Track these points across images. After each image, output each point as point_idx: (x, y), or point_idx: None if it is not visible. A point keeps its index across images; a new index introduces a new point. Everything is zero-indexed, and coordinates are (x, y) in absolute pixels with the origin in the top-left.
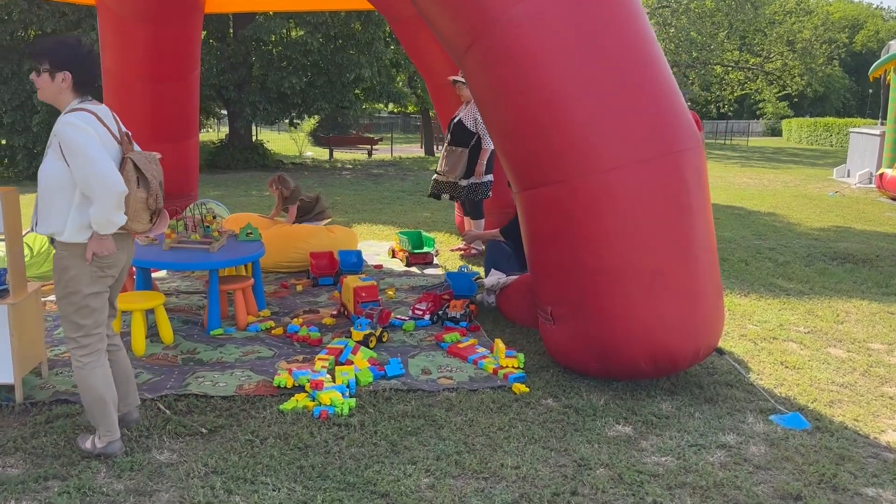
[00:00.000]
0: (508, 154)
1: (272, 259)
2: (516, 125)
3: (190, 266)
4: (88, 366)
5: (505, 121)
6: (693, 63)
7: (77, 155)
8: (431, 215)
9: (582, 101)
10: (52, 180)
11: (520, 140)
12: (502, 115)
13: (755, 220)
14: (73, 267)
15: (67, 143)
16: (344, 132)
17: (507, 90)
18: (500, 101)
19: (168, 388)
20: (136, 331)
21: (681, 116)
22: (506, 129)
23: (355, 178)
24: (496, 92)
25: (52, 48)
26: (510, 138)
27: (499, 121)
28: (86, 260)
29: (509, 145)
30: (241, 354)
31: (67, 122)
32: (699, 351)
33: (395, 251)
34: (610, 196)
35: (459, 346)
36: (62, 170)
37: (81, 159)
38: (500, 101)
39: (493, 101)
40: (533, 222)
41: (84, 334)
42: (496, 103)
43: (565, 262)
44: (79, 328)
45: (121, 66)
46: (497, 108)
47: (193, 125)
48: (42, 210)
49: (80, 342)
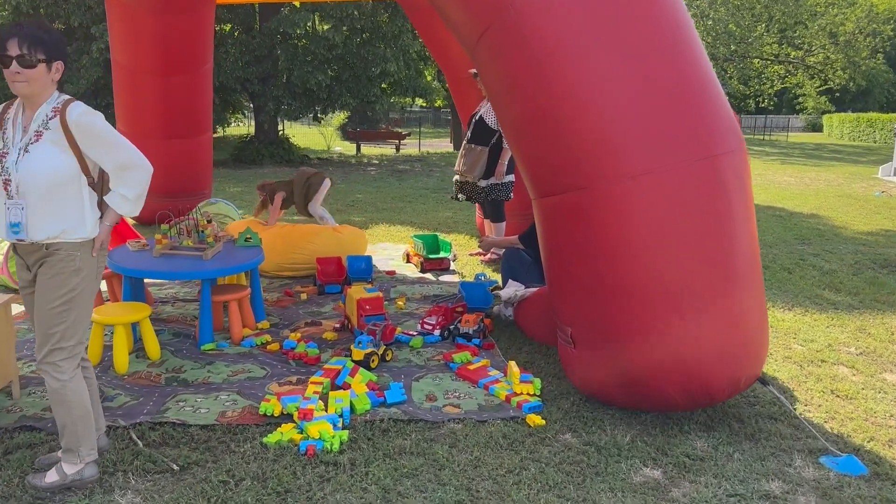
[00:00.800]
0: (523, 155)
1: (274, 262)
2: (531, 122)
3: (179, 276)
4: (76, 378)
5: (518, 117)
6: (731, 56)
7: (106, 140)
8: (453, 215)
9: (606, 96)
10: (61, 176)
11: (535, 140)
12: (516, 112)
13: (797, 223)
14: (86, 267)
15: (98, 131)
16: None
17: (520, 82)
18: (513, 96)
19: (144, 413)
20: (118, 346)
21: (721, 115)
22: (519, 127)
23: (379, 174)
24: (509, 85)
25: (46, 36)
26: (524, 138)
27: (512, 117)
28: (94, 253)
29: (524, 145)
30: (229, 374)
31: (88, 110)
32: (739, 381)
33: (410, 256)
34: (638, 205)
35: (470, 367)
36: (71, 164)
37: (112, 142)
38: (513, 95)
39: (506, 95)
40: (551, 233)
41: (77, 342)
42: (509, 97)
43: (587, 278)
44: (73, 336)
45: (130, 60)
46: (510, 103)
47: (206, 120)
48: (44, 212)
49: (72, 352)
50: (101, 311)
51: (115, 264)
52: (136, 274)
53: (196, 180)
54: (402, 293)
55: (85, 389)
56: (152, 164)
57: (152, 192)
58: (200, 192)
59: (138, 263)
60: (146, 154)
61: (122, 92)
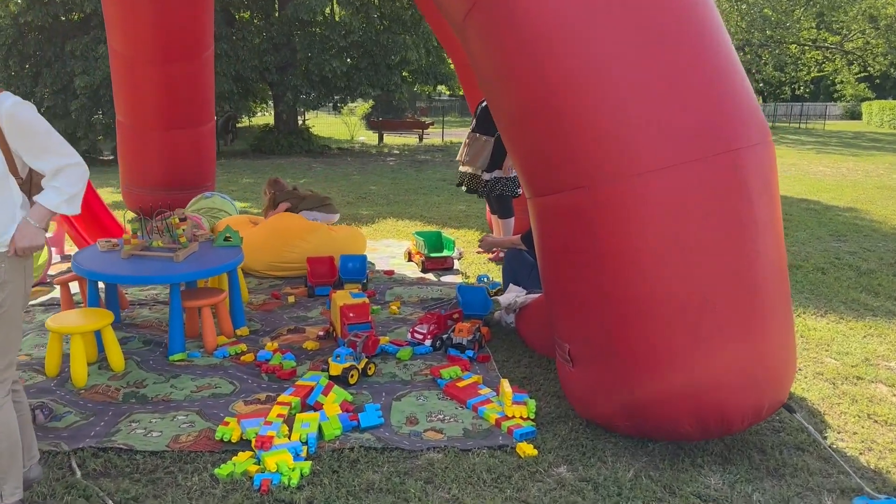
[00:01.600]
0: (515, 149)
1: (264, 259)
2: (523, 112)
3: (146, 280)
4: (6, 406)
5: (510, 107)
6: (766, 42)
7: (39, 133)
8: (466, 209)
9: (609, 82)
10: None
11: (528, 132)
12: (507, 100)
13: (833, 217)
14: (13, 279)
15: (29, 123)
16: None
17: (512, 67)
18: (505, 82)
19: (92, 436)
20: (75, 357)
21: (743, 104)
22: (511, 117)
23: (398, 165)
24: (499, 69)
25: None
26: (517, 130)
27: (503, 107)
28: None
29: (516, 138)
30: (194, 389)
31: (20, 101)
32: (761, 408)
33: (412, 254)
34: (645, 207)
35: (459, 384)
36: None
37: (45, 135)
38: (504, 81)
39: (496, 81)
40: (546, 237)
41: (6, 365)
42: (499, 84)
43: (586, 289)
44: (4, 357)
45: (128, 47)
46: (501, 91)
47: (208, 110)
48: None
49: (2, 377)
50: (59, 319)
51: (77, 266)
52: (96, 277)
53: (197, 173)
54: (397, 296)
55: (14, 419)
56: (152, 156)
57: (152, 186)
58: (202, 186)
59: (102, 266)
60: (147, 146)
61: (120, 82)
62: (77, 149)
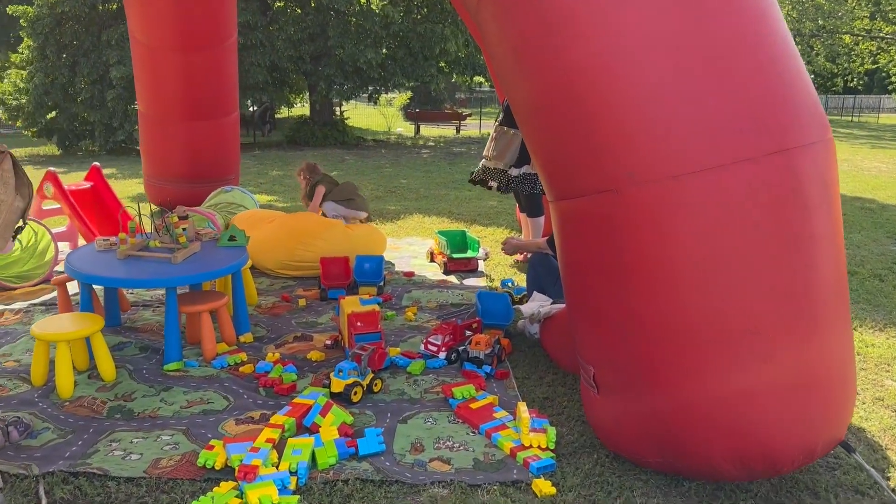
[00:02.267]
0: (534, 146)
1: (277, 257)
2: (542, 105)
3: (139, 283)
4: None
5: (527, 98)
6: (818, 32)
7: None
8: (497, 205)
9: (641, 70)
10: None
11: (547, 127)
12: (524, 90)
13: (890, 217)
14: None
15: None
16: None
17: (529, 52)
18: (521, 69)
19: (66, 457)
20: (60, 366)
21: (799, 95)
22: (529, 110)
23: (432, 158)
24: (515, 54)
25: None
26: (535, 124)
27: (520, 98)
28: None
29: (534, 134)
30: (184, 405)
31: None
32: (814, 448)
33: (434, 254)
34: (681, 214)
35: (472, 405)
36: None
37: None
38: (521, 68)
39: (512, 68)
40: (569, 247)
41: None
42: (516, 72)
43: (612, 307)
44: None
45: (148, 35)
46: (517, 80)
47: (231, 100)
48: None
49: None
50: (44, 325)
51: (68, 267)
52: (87, 280)
53: (220, 165)
54: (415, 300)
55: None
56: (174, 148)
57: (174, 178)
58: (225, 178)
59: (94, 267)
60: (168, 137)
61: (142, 71)
62: (113, 139)
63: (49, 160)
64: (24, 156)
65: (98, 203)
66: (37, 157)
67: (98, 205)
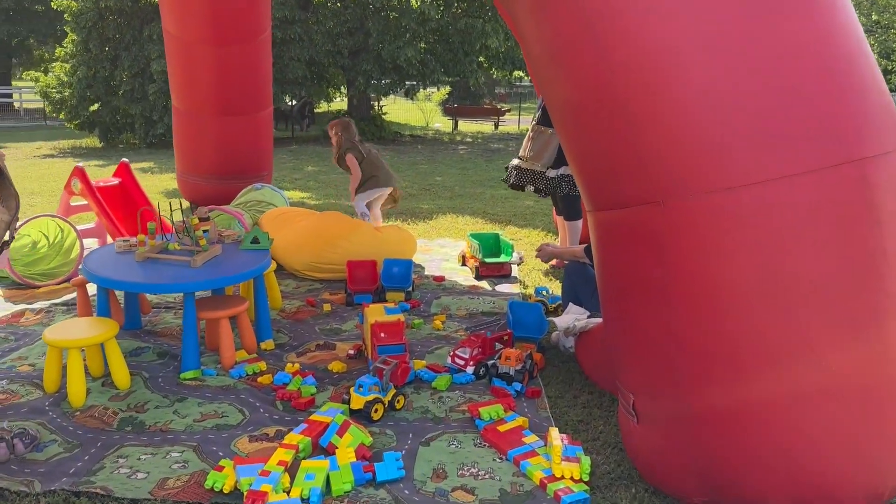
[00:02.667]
0: (572, 151)
1: (303, 259)
2: (582, 106)
3: (155, 288)
4: None
5: (566, 99)
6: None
7: None
8: (534, 205)
9: (693, 67)
10: None
11: (587, 130)
12: (563, 90)
13: None
14: None
15: None
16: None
17: (568, 48)
18: (559, 66)
19: (71, 473)
20: (72, 374)
21: (872, 99)
22: (567, 111)
23: (469, 154)
24: (553, 50)
25: None
26: (574, 127)
27: (558, 98)
28: None
29: (572, 137)
30: (198, 417)
31: None
32: (881, 491)
33: (466, 257)
34: (735, 229)
35: (500, 428)
36: None
37: None
38: (559, 65)
39: (549, 65)
40: (607, 260)
41: None
42: (553, 69)
43: (654, 328)
44: None
45: (181, 28)
46: (555, 78)
47: (265, 95)
48: None
49: None
50: (57, 330)
51: (85, 269)
52: (102, 283)
53: (254, 161)
54: (444, 307)
55: None
56: (206, 143)
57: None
58: (258, 175)
59: (111, 270)
60: (201, 132)
61: (175, 65)
62: (154, 132)
63: (90, 152)
64: (67, 148)
65: (126, 200)
66: (79, 149)
67: (126, 202)
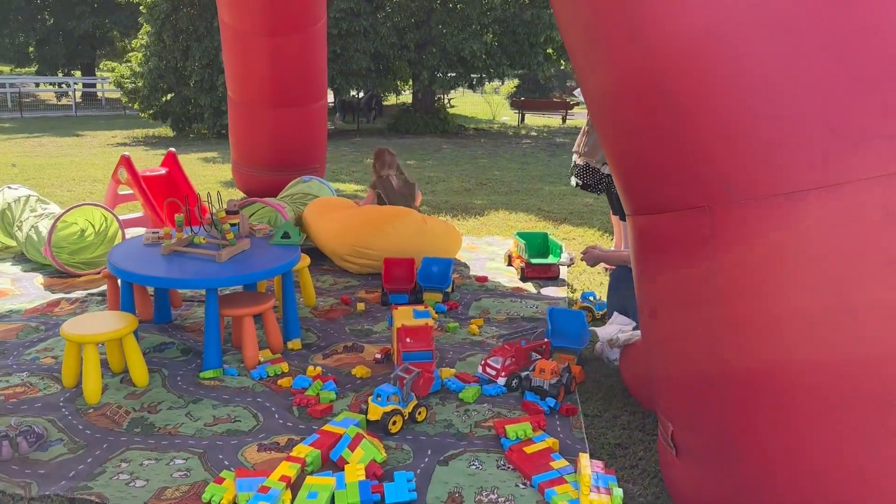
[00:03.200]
0: (610, 147)
1: (348, 243)
2: (620, 96)
3: (177, 283)
4: None
5: (603, 86)
6: None
7: None
8: (593, 202)
9: (751, 54)
10: None
11: (626, 123)
12: (598, 77)
13: None
14: None
15: None
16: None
17: (604, 29)
18: (594, 51)
19: (71, 477)
20: (87, 370)
21: None
22: (605, 101)
23: (532, 148)
24: (587, 33)
25: None
26: (611, 119)
27: (594, 86)
28: None
29: (610, 131)
30: (210, 420)
31: None
32: None
33: (512, 257)
34: (797, 243)
35: (527, 449)
36: None
37: None
38: (594, 49)
39: (584, 49)
40: (647, 272)
41: None
42: (589, 54)
43: (697, 353)
44: None
45: (236, 18)
46: (591, 64)
47: (319, 87)
48: None
49: None
50: (75, 325)
51: (109, 262)
52: (124, 277)
53: (306, 153)
54: (483, 310)
55: None
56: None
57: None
58: (311, 167)
59: (134, 264)
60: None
61: (230, 56)
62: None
63: (162, 141)
64: (140, 137)
65: (171, 190)
66: (151, 138)
67: (171, 192)
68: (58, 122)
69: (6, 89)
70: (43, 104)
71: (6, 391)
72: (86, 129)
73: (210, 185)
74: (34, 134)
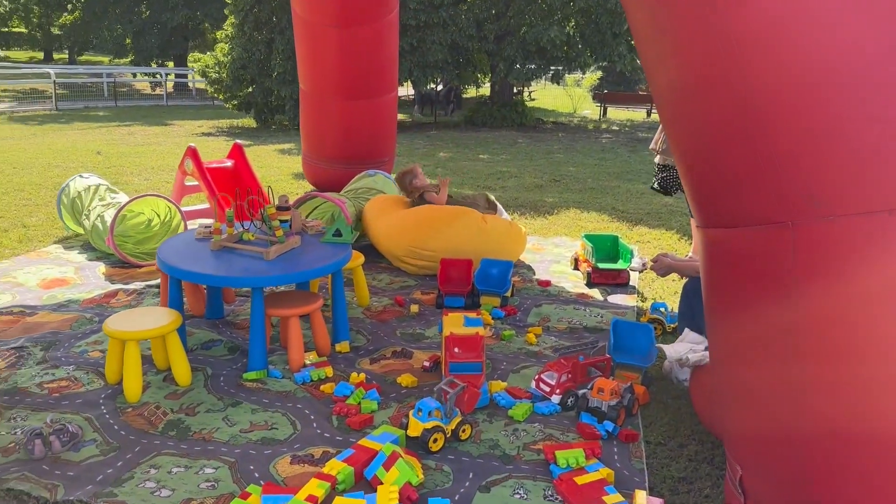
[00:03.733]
0: (679, 151)
1: (404, 242)
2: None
3: (225, 281)
4: None
5: (671, 81)
6: None
7: None
8: (673, 203)
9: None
10: None
11: (698, 124)
12: (667, 70)
13: None
14: None
15: None
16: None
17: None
18: (663, 42)
19: (98, 481)
20: (128, 369)
21: None
22: (675, 100)
23: (611, 143)
24: (655, 21)
25: None
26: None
27: (662, 81)
28: None
29: (680, 134)
30: (247, 426)
31: None
32: None
33: (579, 261)
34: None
35: (578, 479)
36: None
37: None
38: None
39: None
40: (717, 292)
41: None
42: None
43: (773, 389)
44: None
45: (307, 9)
46: (659, 56)
47: (389, 79)
48: None
49: None
50: (118, 321)
51: (158, 257)
52: (170, 272)
53: (375, 147)
54: (543, 317)
55: None
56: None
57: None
58: (379, 161)
59: (182, 259)
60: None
61: (302, 48)
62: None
63: (244, 132)
64: (224, 127)
65: (236, 182)
66: (235, 128)
67: (236, 184)
68: (149, 111)
69: (103, 79)
70: (137, 94)
71: (51, 384)
72: (174, 119)
73: (282, 177)
74: (125, 123)
